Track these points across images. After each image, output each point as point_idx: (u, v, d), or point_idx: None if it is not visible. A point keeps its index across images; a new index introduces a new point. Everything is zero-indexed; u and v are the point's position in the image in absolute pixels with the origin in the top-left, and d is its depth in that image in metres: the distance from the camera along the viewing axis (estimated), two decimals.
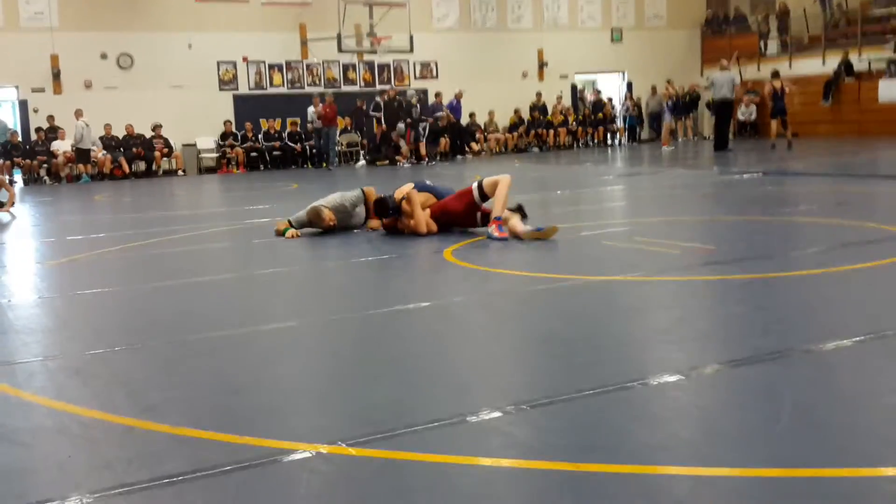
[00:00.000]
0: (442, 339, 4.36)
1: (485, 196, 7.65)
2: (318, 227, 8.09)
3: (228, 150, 21.17)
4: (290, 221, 8.21)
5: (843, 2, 25.65)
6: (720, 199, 10.45)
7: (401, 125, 21.43)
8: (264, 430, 3.02)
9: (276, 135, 21.89)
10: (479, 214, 7.78)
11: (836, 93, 23.33)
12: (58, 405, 3.44)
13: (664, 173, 14.42)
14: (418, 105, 22.24)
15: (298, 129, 22.05)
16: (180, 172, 20.99)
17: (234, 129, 21.48)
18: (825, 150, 18.10)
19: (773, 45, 26.59)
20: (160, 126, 20.65)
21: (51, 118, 20.04)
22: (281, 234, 8.13)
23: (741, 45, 26.33)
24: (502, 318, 4.79)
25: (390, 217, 7.89)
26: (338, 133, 21.63)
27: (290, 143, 21.81)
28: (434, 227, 7.83)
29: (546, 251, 7.14)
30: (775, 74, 19.91)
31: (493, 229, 7.35)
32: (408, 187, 7.90)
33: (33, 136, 20.10)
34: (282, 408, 3.35)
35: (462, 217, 7.84)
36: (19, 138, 19.87)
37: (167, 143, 20.84)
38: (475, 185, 7.74)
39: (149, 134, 20.72)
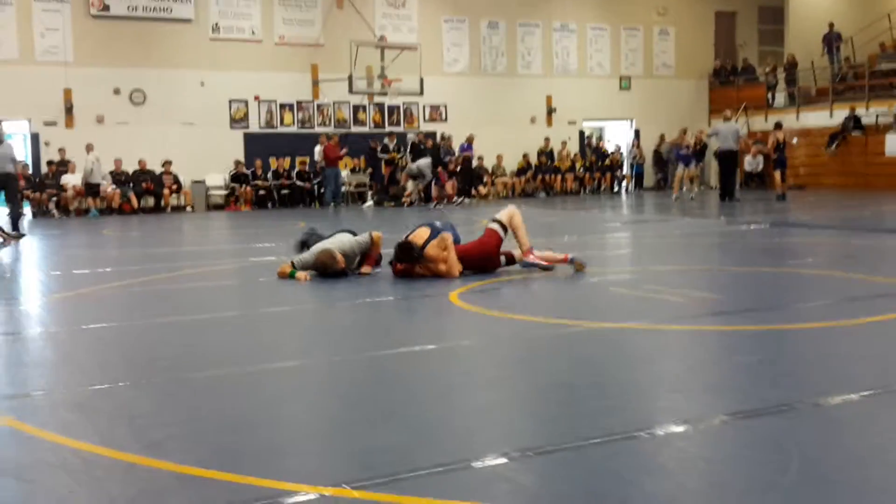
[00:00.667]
0: (447, 382, 4.34)
1: (505, 228, 8.04)
2: (329, 269, 7.95)
3: (238, 187, 21.33)
4: (293, 263, 8.14)
5: (851, 55, 25.87)
6: (727, 249, 10.45)
7: (412, 165, 21.46)
8: (267, 471, 3.00)
9: (286, 173, 21.99)
10: (503, 258, 8.12)
11: (843, 145, 23.43)
12: (61, 440, 3.42)
13: (671, 222, 14.44)
14: (450, 148, 22.47)
15: (307, 168, 22.18)
16: (188, 209, 21.08)
17: (244, 170, 21.60)
18: (832, 203, 18.14)
19: (780, 97, 26.77)
20: (170, 163, 20.79)
21: (62, 151, 20.18)
22: (286, 276, 8.00)
23: (749, 96, 26.52)
24: (508, 363, 4.78)
25: (413, 262, 7.80)
26: (342, 174, 21.62)
27: (298, 182, 21.92)
28: (461, 268, 7.91)
29: (554, 297, 7.14)
30: (778, 126, 20.01)
31: (530, 258, 8.00)
32: (426, 232, 7.90)
33: (44, 169, 20.23)
34: (285, 448, 3.33)
35: (489, 261, 8.03)
36: (30, 171, 19.99)
37: (176, 180, 20.96)
38: (494, 225, 8.05)
39: (159, 170, 20.84)
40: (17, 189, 14.73)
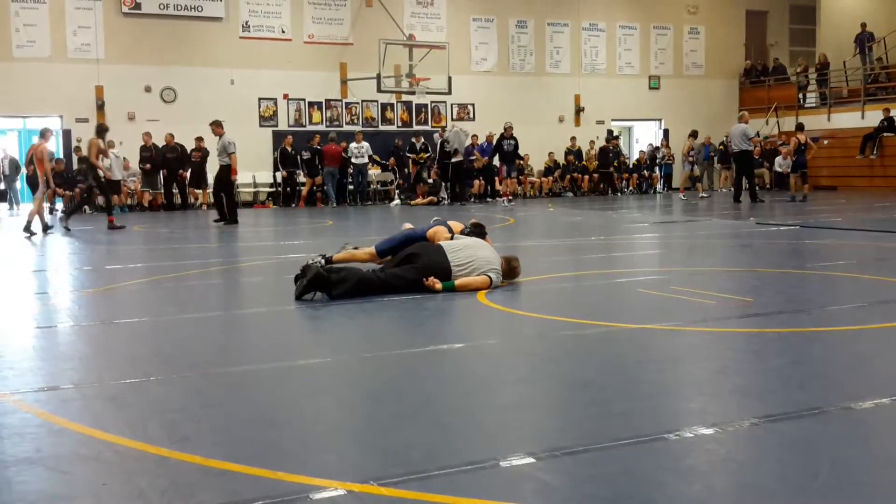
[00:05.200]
0: (475, 381, 4.35)
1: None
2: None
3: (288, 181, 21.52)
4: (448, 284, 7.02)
5: (884, 56, 25.58)
6: (756, 251, 10.37)
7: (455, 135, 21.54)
8: (296, 466, 3.02)
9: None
10: None
11: (877, 147, 23.16)
12: (93, 432, 3.46)
13: (699, 222, 14.36)
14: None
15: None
16: (204, 207, 21.12)
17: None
18: (863, 205, 17.94)
19: (812, 98, 26.52)
20: (202, 139, 20.33)
21: None
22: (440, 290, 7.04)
23: (780, 96, 26.30)
24: (536, 363, 4.77)
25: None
26: (336, 173, 21.54)
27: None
28: None
29: (581, 298, 7.13)
30: (799, 128, 19.85)
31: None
32: (457, 225, 8.07)
33: (75, 166, 20.42)
34: (314, 444, 3.36)
35: None
36: (63, 166, 20.18)
37: (205, 156, 20.58)
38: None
39: (190, 150, 20.64)
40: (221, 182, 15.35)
